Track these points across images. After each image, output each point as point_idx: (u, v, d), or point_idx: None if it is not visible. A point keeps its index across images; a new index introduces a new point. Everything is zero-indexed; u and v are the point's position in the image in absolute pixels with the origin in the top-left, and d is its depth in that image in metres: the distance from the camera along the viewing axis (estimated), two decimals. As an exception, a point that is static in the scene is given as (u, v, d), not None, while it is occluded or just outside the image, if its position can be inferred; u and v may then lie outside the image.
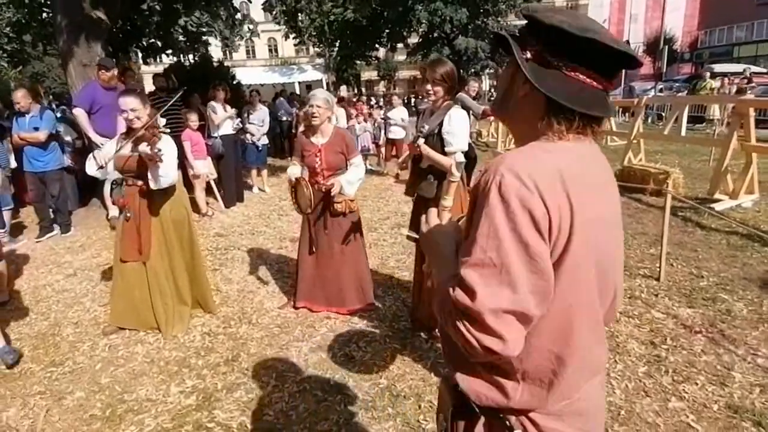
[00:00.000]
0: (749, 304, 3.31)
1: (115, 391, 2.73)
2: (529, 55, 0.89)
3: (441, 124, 2.75)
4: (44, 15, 10.10)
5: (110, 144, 3.28)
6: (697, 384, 2.50)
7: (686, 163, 8.19)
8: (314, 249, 3.37)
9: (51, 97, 32.45)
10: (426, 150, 2.78)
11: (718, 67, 19.14)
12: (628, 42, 23.49)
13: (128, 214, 3.19)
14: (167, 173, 3.03)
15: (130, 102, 3.02)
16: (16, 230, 6.16)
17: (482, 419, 0.96)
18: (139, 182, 3.17)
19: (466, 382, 0.95)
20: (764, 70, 22.35)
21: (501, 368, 0.91)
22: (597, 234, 0.87)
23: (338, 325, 3.35)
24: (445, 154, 2.76)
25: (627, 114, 12.26)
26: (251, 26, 16.63)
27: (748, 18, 30.69)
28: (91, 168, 3.22)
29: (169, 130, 3.61)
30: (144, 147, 2.94)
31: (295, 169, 3.29)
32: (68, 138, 6.52)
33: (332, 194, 3.12)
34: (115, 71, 5.59)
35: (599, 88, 0.89)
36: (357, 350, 3.01)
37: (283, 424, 2.40)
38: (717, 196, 5.78)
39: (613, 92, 16.23)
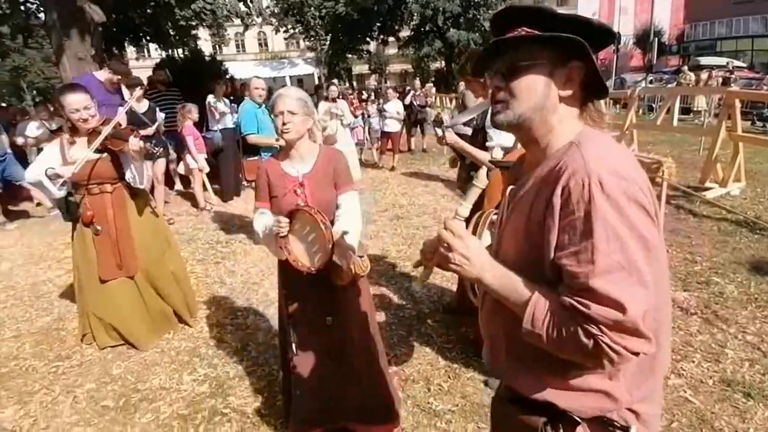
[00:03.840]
0: (739, 286, 3.44)
1: (128, 381, 2.77)
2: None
3: (485, 117, 2.57)
4: (26, 6, 9.93)
5: (50, 153, 2.82)
6: (693, 362, 2.62)
7: (677, 153, 8.33)
8: (311, 348, 2.04)
9: (35, 92, 31.88)
10: (453, 139, 2.61)
11: (705, 60, 19.46)
12: (618, 34, 23.89)
13: (98, 227, 2.84)
14: (148, 170, 2.78)
15: (81, 99, 2.70)
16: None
17: (582, 425, 0.92)
18: (109, 187, 2.84)
19: (563, 398, 0.91)
20: (744, 65, 22.82)
21: (599, 373, 0.88)
22: None
23: (344, 313, 3.41)
24: (485, 149, 2.61)
25: (618, 105, 12.43)
26: (257, 17, 16.54)
27: (728, 14, 31.30)
28: (53, 189, 2.72)
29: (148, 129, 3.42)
30: (137, 142, 2.67)
31: (263, 221, 2.01)
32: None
33: (345, 255, 1.88)
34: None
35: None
36: (364, 337, 3.08)
37: (296, 408, 2.46)
38: (707, 184, 5.92)
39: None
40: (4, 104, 18.04)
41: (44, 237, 5.67)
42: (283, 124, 1.92)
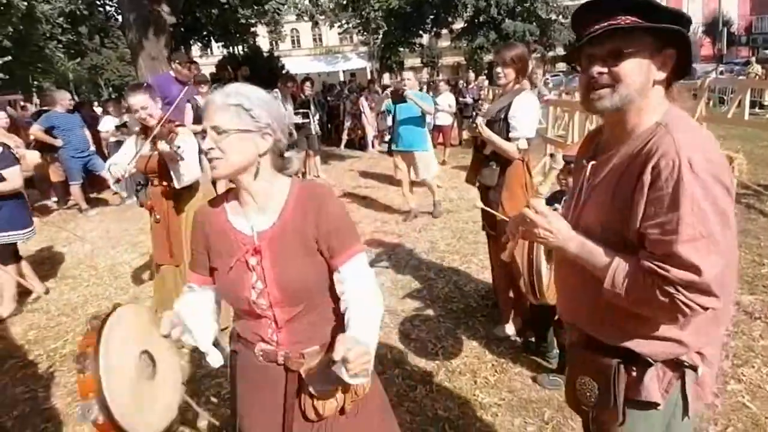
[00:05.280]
0: (813, 292, 3.22)
1: (194, 358, 3.00)
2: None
3: (508, 108, 2.65)
4: (104, 8, 10.77)
5: (127, 146, 3.12)
6: (753, 367, 2.52)
7: (748, 149, 7.75)
8: None
9: (111, 89, 34.38)
10: (486, 133, 2.67)
11: (773, 53, 17.88)
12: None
13: (157, 216, 3.09)
14: (189, 170, 2.88)
15: (140, 101, 2.85)
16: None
17: (656, 366, 1.05)
18: (163, 182, 3.03)
19: (639, 345, 1.05)
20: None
21: (672, 324, 1.02)
22: None
23: (393, 304, 3.50)
24: (509, 140, 2.65)
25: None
26: (320, 15, 17.11)
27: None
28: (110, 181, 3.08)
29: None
30: (162, 145, 2.75)
31: (181, 308, 1.34)
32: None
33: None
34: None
35: None
36: (412, 328, 3.16)
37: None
38: (782, 182, 5.50)
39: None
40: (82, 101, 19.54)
41: (121, 223, 6.18)
42: (208, 150, 1.10)
